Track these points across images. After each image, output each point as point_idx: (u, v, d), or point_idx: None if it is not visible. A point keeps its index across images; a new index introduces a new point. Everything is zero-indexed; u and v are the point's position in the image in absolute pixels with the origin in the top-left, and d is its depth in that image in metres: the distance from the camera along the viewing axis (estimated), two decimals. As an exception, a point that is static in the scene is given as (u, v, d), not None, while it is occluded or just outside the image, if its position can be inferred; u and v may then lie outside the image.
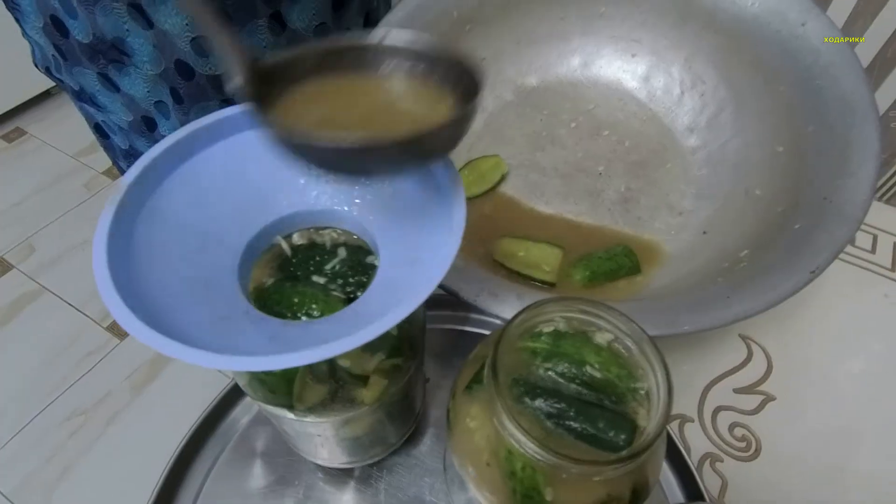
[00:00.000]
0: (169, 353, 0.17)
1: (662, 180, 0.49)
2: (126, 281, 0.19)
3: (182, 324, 0.20)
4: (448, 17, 0.50)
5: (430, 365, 0.41)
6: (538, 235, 0.46)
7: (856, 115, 0.37)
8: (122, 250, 0.20)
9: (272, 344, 0.20)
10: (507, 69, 0.54)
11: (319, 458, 0.35)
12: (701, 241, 0.44)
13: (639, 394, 0.23)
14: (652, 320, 0.34)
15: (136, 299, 0.19)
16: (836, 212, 0.36)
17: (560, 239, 0.46)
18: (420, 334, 0.28)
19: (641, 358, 0.23)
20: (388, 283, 0.22)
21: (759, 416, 0.41)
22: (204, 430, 0.37)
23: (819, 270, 0.34)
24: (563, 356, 0.23)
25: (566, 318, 0.24)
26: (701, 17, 0.48)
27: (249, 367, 0.17)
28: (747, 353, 0.44)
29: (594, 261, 0.44)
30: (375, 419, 0.30)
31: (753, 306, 0.34)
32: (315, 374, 0.24)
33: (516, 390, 0.23)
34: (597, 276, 0.43)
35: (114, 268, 0.19)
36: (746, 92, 0.46)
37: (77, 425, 1.14)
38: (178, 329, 0.19)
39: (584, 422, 0.22)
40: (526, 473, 0.22)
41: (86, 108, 0.50)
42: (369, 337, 0.18)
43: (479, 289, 0.37)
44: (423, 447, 0.38)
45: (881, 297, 0.46)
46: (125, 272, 0.19)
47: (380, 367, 0.25)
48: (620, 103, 0.53)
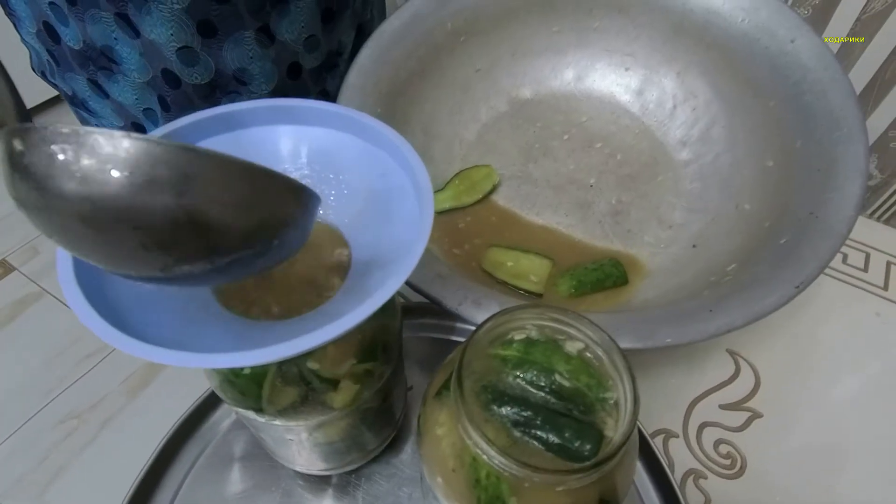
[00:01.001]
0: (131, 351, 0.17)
1: (653, 193, 0.49)
2: (95, 283, 0.19)
3: (151, 325, 0.20)
4: (442, 28, 0.50)
5: (413, 373, 0.41)
6: (528, 246, 0.46)
7: (843, 131, 0.37)
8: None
9: (237, 343, 0.20)
10: (501, 80, 0.55)
11: (297, 465, 0.35)
12: (690, 255, 0.44)
13: (608, 404, 0.23)
14: (634, 333, 0.34)
15: (105, 301, 0.19)
16: (821, 227, 0.35)
17: (549, 250, 0.46)
18: (395, 340, 0.28)
19: (611, 367, 0.23)
20: (357, 286, 0.22)
21: (745, 433, 0.40)
22: (182, 434, 0.37)
23: (804, 285, 0.34)
24: (532, 364, 0.23)
25: (538, 326, 0.24)
26: (693, 32, 0.48)
27: (208, 364, 0.17)
28: (735, 369, 0.43)
29: (580, 271, 0.44)
30: (350, 424, 0.30)
31: (736, 320, 0.34)
32: (284, 377, 0.24)
33: (484, 397, 0.23)
34: (583, 285, 0.43)
35: (80, 269, 0.19)
36: (738, 106, 0.46)
37: (71, 428, 1.13)
38: (147, 330, 0.19)
39: (551, 431, 0.22)
40: (490, 481, 0.21)
41: (79, 113, 0.51)
42: (324, 338, 0.18)
43: (462, 297, 0.37)
44: (403, 456, 0.37)
45: (873, 316, 0.46)
46: (94, 274, 0.19)
47: (351, 372, 0.25)
48: (613, 116, 0.53)
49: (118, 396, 1.18)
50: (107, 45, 0.42)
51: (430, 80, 0.51)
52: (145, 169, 0.15)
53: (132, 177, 0.14)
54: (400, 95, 0.48)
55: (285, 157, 0.26)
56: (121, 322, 0.18)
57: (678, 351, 0.44)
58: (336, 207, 0.26)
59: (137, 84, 0.45)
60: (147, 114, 0.47)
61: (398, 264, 0.20)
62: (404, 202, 0.23)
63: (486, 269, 0.45)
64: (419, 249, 0.20)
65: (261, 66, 0.46)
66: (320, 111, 0.24)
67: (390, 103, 0.47)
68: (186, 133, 0.24)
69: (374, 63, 0.47)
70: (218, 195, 0.16)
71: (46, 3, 0.42)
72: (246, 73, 0.46)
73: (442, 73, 0.51)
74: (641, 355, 0.44)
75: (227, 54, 0.44)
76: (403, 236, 0.22)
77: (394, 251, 0.23)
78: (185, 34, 0.42)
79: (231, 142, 0.25)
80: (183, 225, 0.15)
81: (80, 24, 0.41)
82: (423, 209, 0.22)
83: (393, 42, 0.48)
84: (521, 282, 0.44)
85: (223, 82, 0.46)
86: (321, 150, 0.25)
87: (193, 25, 0.41)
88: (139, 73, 0.44)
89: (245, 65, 0.45)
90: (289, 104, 0.24)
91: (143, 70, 0.44)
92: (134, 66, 0.43)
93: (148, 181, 0.15)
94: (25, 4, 0.43)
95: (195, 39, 0.42)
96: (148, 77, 0.44)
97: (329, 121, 0.25)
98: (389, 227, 0.24)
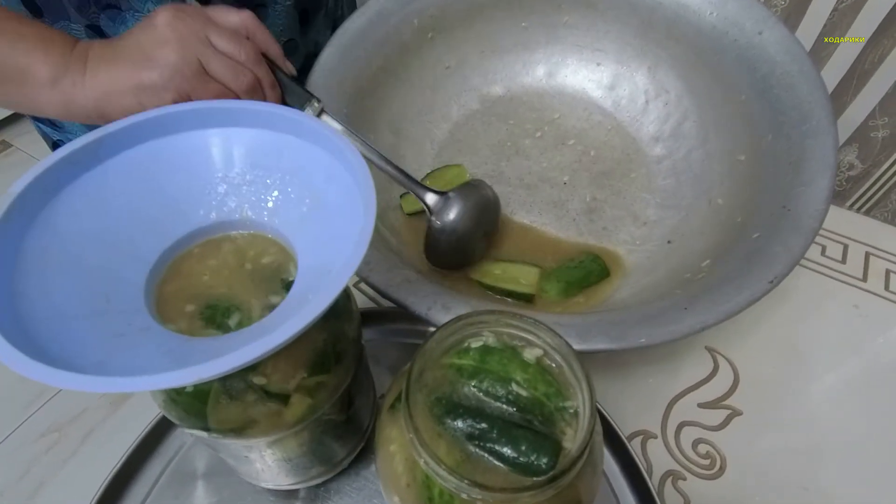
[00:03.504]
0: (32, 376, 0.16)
1: (627, 190, 0.48)
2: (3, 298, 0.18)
3: (71, 343, 0.18)
4: (409, 25, 0.49)
5: (384, 380, 0.40)
6: (512, 256, 0.45)
7: (812, 124, 0.36)
8: (3, 265, 0.18)
9: (166, 360, 0.19)
10: (472, 78, 0.54)
11: (261, 481, 0.33)
12: (664, 252, 0.43)
13: (567, 413, 0.22)
14: (608, 333, 0.33)
15: (13, 317, 0.17)
16: (793, 221, 0.35)
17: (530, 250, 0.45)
18: (351, 348, 0.26)
19: (570, 375, 0.22)
20: (303, 295, 0.21)
21: (725, 431, 0.39)
22: (143, 451, 0.36)
23: (777, 280, 0.33)
24: (489, 373, 0.22)
25: (495, 333, 0.23)
26: (662, 26, 0.47)
27: (126, 389, 0.16)
28: (713, 367, 0.42)
29: (564, 271, 0.43)
30: (311, 438, 0.29)
31: (710, 317, 0.33)
32: (229, 394, 0.23)
33: (438, 410, 0.22)
34: (571, 286, 0.42)
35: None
36: (709, 101, 0.46)
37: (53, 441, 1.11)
38: (65, 348, 0.18)
39: (507, 444, 0.20)
40: (444, 500, 0.20)
41: (41, 128, 0.49)
42: (258, 353, 0.17)
43: (431, 302, 0.36)
44: (373, 467, 0.36)
45: (851, 308, 0.45)
46: (4, 289, 0.18)
47: (303, 385, 0.24)
48: (586, 113, 0.52)
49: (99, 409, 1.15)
50: None
51: (398, 78, 0.50)
52: None
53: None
54: (367, 95, 0.47)
55: (224, 162, 0.24)
56: (33, 344, 0.17)
57: (656, 350, 0.43)
58: (281, 212, 0.24)
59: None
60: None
61: (339, 270, 0.19)
62: (351, 205, 0.22)
63: (475, 278, 0.43)
64: (356, 260, 0.19)
65: None
66: (258, 113, 0.23)
67: (357, 103, 0.46)
68: (119, 138, 0.23)
69: (339, 62, 0.46)
70: None
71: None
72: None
73: (410, 72, 0.50)
74: (618, 355, 0.43)
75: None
76: (348, 241, 0.21)
77: (339, 257, 0.22)
78: None
79: (168, 146, 0.24)
80: None
81: None
82: (367, 211, 0.20)
83: (357, 40, 0.47)
84: (512, 285, 0.42)
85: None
86: (263, 154, 0.24)
87: None
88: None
89: None
90: (221, 105, 0.23)
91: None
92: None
93: None
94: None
95: None
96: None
97: (269, 122, 0.24)
98: (336, 232, 0.23)
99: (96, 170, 0.22)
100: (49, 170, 0.20)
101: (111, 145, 0.22)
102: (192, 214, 0.24)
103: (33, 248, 0.20)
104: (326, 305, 0.18)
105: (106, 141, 0.22)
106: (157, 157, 0.24)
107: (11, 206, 0.19)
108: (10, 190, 0.20)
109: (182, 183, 0.24)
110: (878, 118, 0.93)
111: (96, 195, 0.22)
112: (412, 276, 0.38)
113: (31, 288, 0.19)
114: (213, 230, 0.25)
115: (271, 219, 0.24)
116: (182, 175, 0.24)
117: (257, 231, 0.25)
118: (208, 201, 0.24)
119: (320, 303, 0.18)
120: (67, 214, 0.21)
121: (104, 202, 0.22)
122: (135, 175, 0.23)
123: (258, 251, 0.25)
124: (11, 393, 1.32)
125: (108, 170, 0.23)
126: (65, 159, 0.21)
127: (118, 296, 0.21)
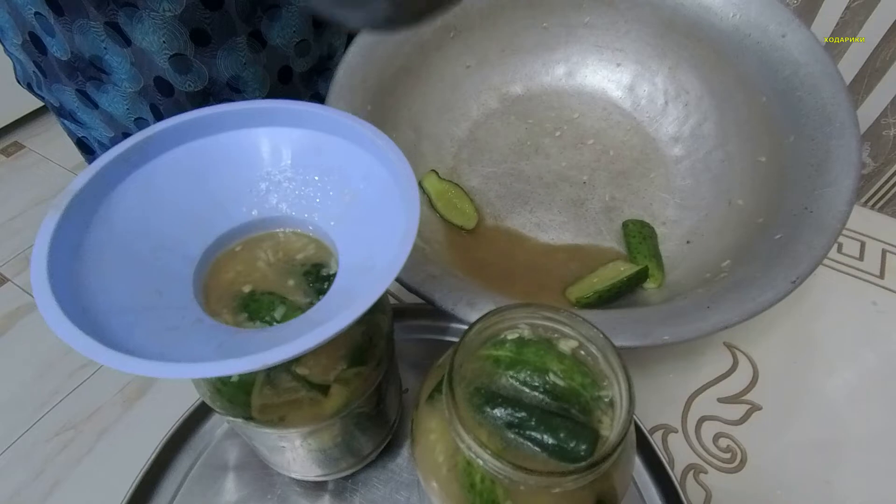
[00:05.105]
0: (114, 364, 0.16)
1: (646, 190, 0.48)
2: (71, 291, 0.18)
3: (130, 335, 0.19)
4: (430, 24, 0.50)
5: (409, 375, 0.41)
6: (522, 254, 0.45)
7: (835, 125, 0.37)
8: (68, 260, 0.19)
9: (218, 352, 0.20)
10: (492, 77, 0.54)
11: (292, 472, 0.34)
12: (684, 252, 0.44)
13: (603, 403, 0.22)
14: (632, 331, 0.34)
15: (83, 313, 0.18)
16: (815, 221, 0.35)
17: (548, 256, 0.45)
18: (385, 343, 0.27)
19: (605, 366, 0.22)
20: (344, 290, 0.22)
21: (745, 426, 0.40)
22: (174, 444, 0.37)
23: (800, 280, 0.34)
24: (525, 364, 0.23)
25: (530, 325, 0.24)
26: (684, 27, 0.48)
27: (190, 375, 0.17)
28: (733, 362, 0.43)
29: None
30: (344, 430, 0.29)
31: (733, 316, 0.33)
32: (273, 384, 0.24)
33: (476, 399, 0.22)
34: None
35: (55, 277, 0.18)
36: (729, 102, 0.46)
37: (68, 439, 1.12)
38: (126, 340, 0.19)
39: (545, 431, 0.21)
40: (485, 486, 0.21)
41: (66, 125, 0.50)
42: (308, 345, 0.17)
43: (457, 298, 0.36)
44: (399, 460, 0.37)
45: (869, 305, 0.46)
46: (70, 282, 0.19)
47: (341, 377, 0.25)
48: (605, 112, 0.53)
49: (113, 407, 1.17)
50: (96, 55, 0.42)
51: (420, 77, 0.50)
52: None
53: None
54: (389, 93, 0.48)
55: (266, 160, 0.25)
56: (100, 335, 0.17)
57: (675, 346, 0.44)
58: (322, 210, 0.25)
59: (128, 94, 0.44)
60: (138, 123, 0.46)
61: (383, 267, 0.20)
62: (390, 203, 0.23)
63: (573, 298, 0.42)
64: (402, 256, 0.20)
65: (253, 72, 0.46)
66: (299, 112, 0.24)
67: (379, 101, 0.47)
68: (166, 137, 0.24)
69: (362, 61, 0.46)
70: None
71: (32, 13, 0.41)
72: (240, 81, 0.45)
73: (431, 71, 0.51)
74: (638, 351, 0.44)
75: (221, 62, 0.43)
76: (389, 238, 0.22)
77: (380, 253, 0.22)
78: (178, 41, 0.41)
79: (212, 145, 0.25)
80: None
81: (67, 35, 0.41)
82: (409, 210, 0.21)
83: (380, 39, 0.47)
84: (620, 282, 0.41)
85: (216, 90, 0.45)
86: (303, 152, 0.25)
87: (186, 33, 0.41)
88: (130, 82, 0.43)
89: (238, 72, 0.45)
90: (267, 106, 0.24)
91: (134, 79, 0.43)
92: (125, 75, 0.43)
93: None
94: (9, 15, 0.43)
95: (188, 47, 0.41)
96: (139, 86, 0.43)
97: (309, 122, 0.24)
98: (375, 229, 0.23)
99: (145, 167, 0.23)
100: (105, 167, 0.21)
101: (159, 144, 0.23)
102: (235, 211, 0.25)
103: (92, 244, 0.20)
104: (373, 300, 0.19)
105: (155, 139, 0.23)
106: (202, 156, 0.24)
107: (71, 202, 0.20)
108: (69, 187, 0.20)
109: (225, 181, 0.25)
110: (891, 116, 0.94)
111: (145, 192, 0.23)
112: (436, 271, 0.38)
113: (93, 282, 0.19)
114: (254, 227, 0.25)
115: (311, 215, 0.25)
116: (225, 173, 0.25)
117: (297, 228, 0.26)
118: (250, 199, 0.25)
119: (368, 298, 0.19)
120: (120, 211, 0.22)
121: (152, 199, 0.23)
122: (180, 173, 0.24)
123: (298, 247, 0.25)
124: (25, 392, 1.33)
125: (156, 168, 0.23)
126: (119, 157, 0.22)
127: (169, 290, 0.22)
